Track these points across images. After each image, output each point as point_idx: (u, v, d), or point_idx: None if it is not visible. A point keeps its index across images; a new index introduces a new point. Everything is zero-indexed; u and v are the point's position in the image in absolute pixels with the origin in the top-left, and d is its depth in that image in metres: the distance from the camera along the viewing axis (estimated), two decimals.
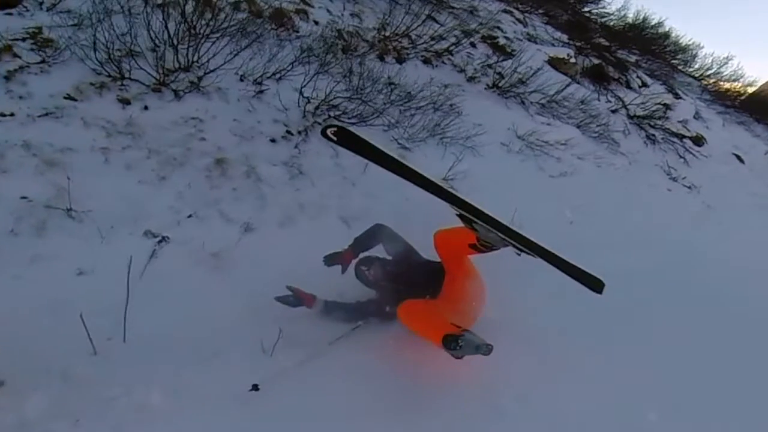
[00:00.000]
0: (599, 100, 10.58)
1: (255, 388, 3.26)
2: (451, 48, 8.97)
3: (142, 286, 3.84)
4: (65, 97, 5.17)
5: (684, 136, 11.05)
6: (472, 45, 9.70)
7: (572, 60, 10.72)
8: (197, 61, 5.94)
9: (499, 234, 3.53)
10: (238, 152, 5.36)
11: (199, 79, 5.90)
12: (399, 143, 6.40)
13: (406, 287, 3.98)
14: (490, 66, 9.14)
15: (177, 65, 5.87)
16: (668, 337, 4.38)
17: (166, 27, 5.82)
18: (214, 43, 6.05)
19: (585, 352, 4.05)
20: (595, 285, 3.60)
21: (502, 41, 10.25)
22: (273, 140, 5.68)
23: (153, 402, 3.10)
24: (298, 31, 7.53)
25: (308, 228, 4.84)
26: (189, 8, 6.28)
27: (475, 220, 3.54)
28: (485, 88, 8.74)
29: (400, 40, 8.47)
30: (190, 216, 4.60)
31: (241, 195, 4.98)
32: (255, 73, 6.23)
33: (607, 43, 13.19)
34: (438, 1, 10.27)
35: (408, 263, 4.26)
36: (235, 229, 4.63)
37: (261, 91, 6.14)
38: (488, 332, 3.51)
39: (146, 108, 5.43)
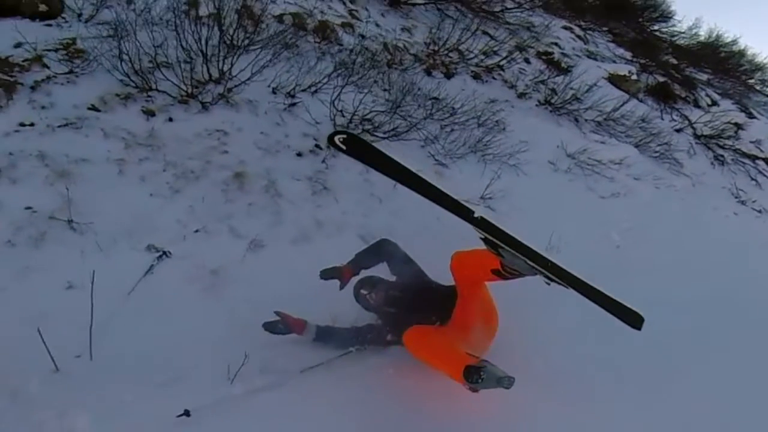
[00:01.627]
0: (662, 119, 9.94)
1: (186, 413, 2.88)
2: (503, 63, 8.54)
3: (131, 302, 3.61)
4: (89, 108, 5.03)
5: (757, 157, 10.26)
6: (526, 61, 9.25)
7: (633, 77, 10.12)
8: (229, 73, 5.73)
9: (528, 261, 3.06)
10: (259, 166, 5.09)
11: (229, 90, 5.68)
12: (436, 159, 6.03)
13: (412, 313, 3.56)
14: (543, 82, 8.66)
15: (208, 77, 5.67)
16: (722, 378, 3.79)
17: (199, 39, 5.64)
18: (249, 55, 5.84)
19: (616, 394, 3.54)
20: (633, 320, 3.15)
21: (558, 57, 9.74)
22: (299, 154, 5.39)
23: (79, 427, 2.79)
24: (341, 44, 7.27)
25: (323, 246, 4.50)
26: (229, 20, 6.13)
27: (501, 244, 3.09)
28: (536, 105, 8.28)
29: (450, 54, 8.11)
30: (197, 231, 4.33)
31: (256, 210, 4.68)
32: (288, 86, 5.96)
33: (675, 61, 12.49)
34: (494, 16, 9.88)
35: (415, 287, 3.79)
36: (242, 245, 4.32)
37: (293, 104, 5.89)
38: (506, 363, 3.07)
39: (170, 120, 5.23)
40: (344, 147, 3.08)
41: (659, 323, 4.02)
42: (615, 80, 9.97)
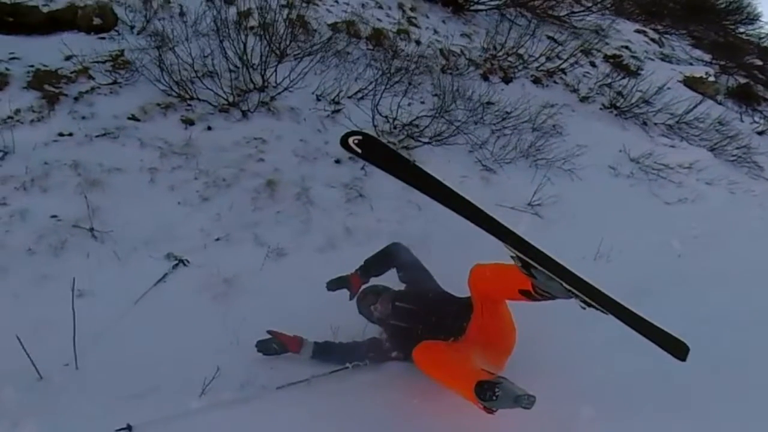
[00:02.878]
0: (742, 121, 9.21)
1: (128, 428, 2.68)
2: (565, 67, 8.09)
3: (136, 311, 3.50)
4: (129, 118, 4.99)
5: None
6: (592, 64, 8.76)
7: (710, 79, 9.44)
8: (274, 81, 5.62)
9: (565, 284, 2.70)
10: (294, 174, 4.90)
11: (272, 98, 5.54)
12: (483, 164, 5.69)
13: (422, 328, 3.22)
14: (608, 85, 8.15)
15: (251, 85, 5.55)
16: None
17: (244, 48, 5.55)
18: (296, 63, 5.71)
19: (658, 417, 3.09)
20: (677, 350, 2.78)
21: (627, 60, 9.19)
22: (338, 161, 5.18)
23: None
24: (395, 51, 7.04)
25: (349, 255, 4.22)
26: (279, 29, 6.03)
27: (536, 265, 2.67)
28: (600, 108, 7.79)
29: (509, 58, 7.75)
30: (217, 239, 4.17)
31: (284, 218, 4.49)
32: (333, 93, 5.77)
33: (761, 62, 11.64)
34: (559, 20, 9.44)
35: (425, 298, 3.40)
36: (263, 254, 4.13)
37: (336, 111, 5.68)
38: (527, 380, 2.70)
39: (209, 128, 5.13)
40: (359, 150, 2.67)
41: (716, 339, 3.60)
42: (690, 82, 9.34)
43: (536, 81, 7.74)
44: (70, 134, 4.71)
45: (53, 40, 5.46)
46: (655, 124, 7.87)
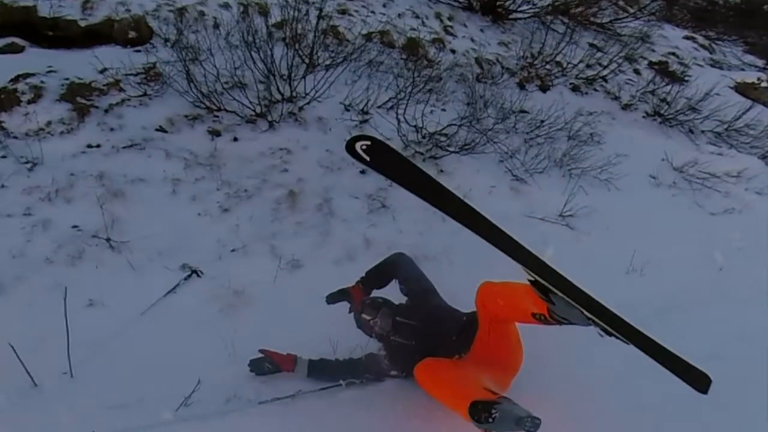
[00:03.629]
0: None
1: None
2: (606, 74, 7.81)
3: (141, 321, 3.47)
4: (156, 129, 5.01)
5: None
6: (636, 72, 8.43)
7: (763, 84, 9.00)
8: (303, 91, 5.57)
9: (586, 312, 2.48)
10: (318, 184, 4.82)
11: (300, 109, 5.49)
12: (514, 174, 5.48)
13: (424, 344, 3.03)
14: (652, 92, 7.82)
15: (280, 96, 5.50)
16: None
17: (272, 59, 5.50)
18: (326, 73, 5.64)
19: None
20: (698, 382, 2.57)
21: (674, 66, 8.83)
22: (363, 171, 5.06)
23: None
24: (429, 60, 6.92)
25: (367, 266, 4.09)
26: (311, 40, 6.00)
27: (555, 291, 2.48)
28: (643, 116, 7.46)
29: (546, 66, 7.53)
30: (233, 250, 4.11)
31: (303, 229, 4.40)
32: (361, 103, 5.67)
33: None
34: (602, 28, 9.15)
35: (427, 312, 3.23)
36: (274, 265, 4.04)
37: (364, 121, 5.58)
38: (534, 402, 2.52)
39: (235, 139, 5.10)
40: (367, 158, 2.44)
41: (755, 358, 3.35)
42: (742, 88, 8.89)
43: (575, 89, 7.48)
44: (98, 146, 4.74)
45: (90, 54, 5.51)
46: (702, 131, 7.50)
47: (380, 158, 2.45)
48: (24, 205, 4.15)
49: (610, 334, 2.48)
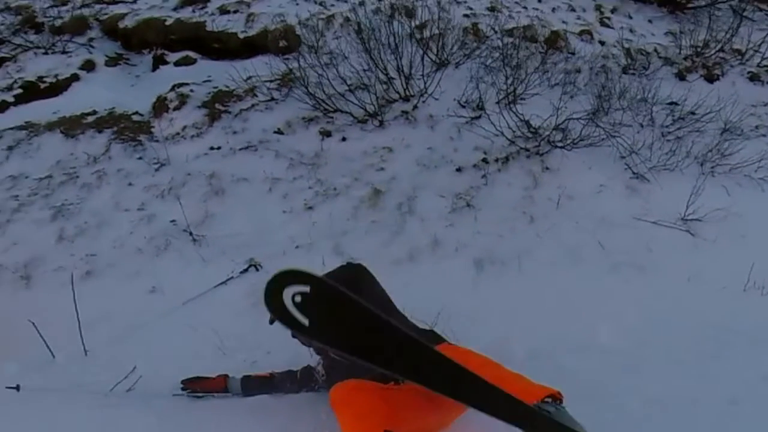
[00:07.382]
0: None
1: (16, 388, 2.76)
2: None
3: (180, 311, 3.60)
4: (275, 132, 5.22)
5: None
6: None
7: None
8: (425, 89, 5.44)
9: None
10: (407, 183, 4.66)
11: (414, 107, 5.36)
12: (634, 172, 4.79)
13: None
14: None
15: (397, 95, 5.43)
16: None
17: (400, 58, 5.45)
18: (456, 70, 5.58)
19: None
20: None
21: None
22: (459, 169, 4.80)
23: None
24: (573, 53, 6.36)
25: (424, 269, 3.91)
26: (452, 38, 5.88)
27: None
28: None
29: (722, 54, 6.50)
30: (297, 246, 4.14)
31: (376, 228, 4.29)
32: (476, 99, 5.37)
33: None
34: None
35: None
36: (335, 263, 3.97)
37: (477, 117, 5.27)
38: None
39: (344, 139, 5.14)
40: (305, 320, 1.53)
41: None
42: None
43: (753, 78, 6.35)
44: (219, 147, 5.07)
45: (247, 63, 5.90)
46: None
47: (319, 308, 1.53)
48: (141, 200, 4.57)
49: None
